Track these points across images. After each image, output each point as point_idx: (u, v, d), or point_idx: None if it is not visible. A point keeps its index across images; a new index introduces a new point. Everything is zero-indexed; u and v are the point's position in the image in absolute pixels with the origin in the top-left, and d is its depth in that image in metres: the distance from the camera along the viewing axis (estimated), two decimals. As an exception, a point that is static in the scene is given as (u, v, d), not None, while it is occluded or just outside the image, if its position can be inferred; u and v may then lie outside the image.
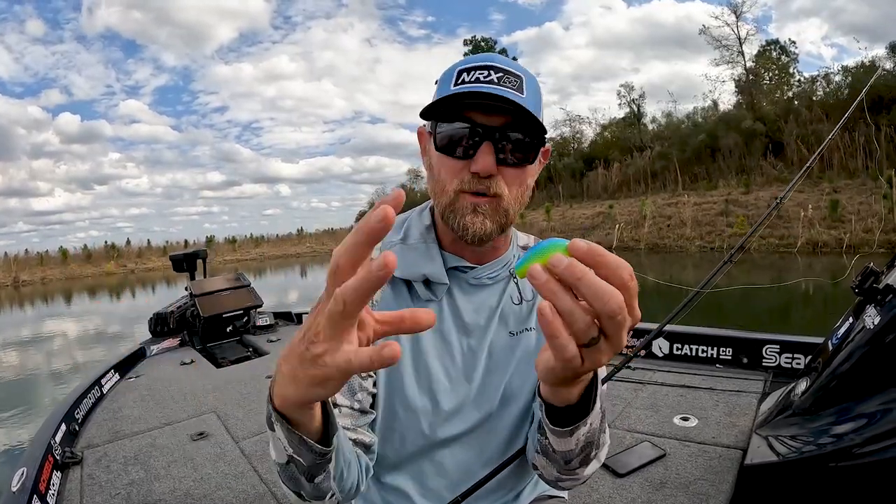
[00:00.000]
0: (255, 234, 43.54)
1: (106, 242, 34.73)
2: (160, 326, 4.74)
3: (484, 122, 0.66)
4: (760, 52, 28.57)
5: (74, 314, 14.62)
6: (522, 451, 0.79)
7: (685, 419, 2.34)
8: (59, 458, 2.19)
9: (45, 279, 26.67)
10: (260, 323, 4.98)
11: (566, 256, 0.35)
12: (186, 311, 4.82)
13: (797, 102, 24.86)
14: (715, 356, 3.05)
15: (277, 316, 5.18)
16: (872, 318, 1.67)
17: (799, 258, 13.92)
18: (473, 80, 0.65)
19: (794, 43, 28.42)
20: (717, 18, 28.80)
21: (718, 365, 3.01)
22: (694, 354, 3.12)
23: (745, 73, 28.47)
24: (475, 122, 0.66)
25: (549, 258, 0.36)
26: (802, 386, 1.90)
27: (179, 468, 2.24)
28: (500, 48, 40.03)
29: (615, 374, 1.74)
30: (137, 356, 4.16)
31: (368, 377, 0.74)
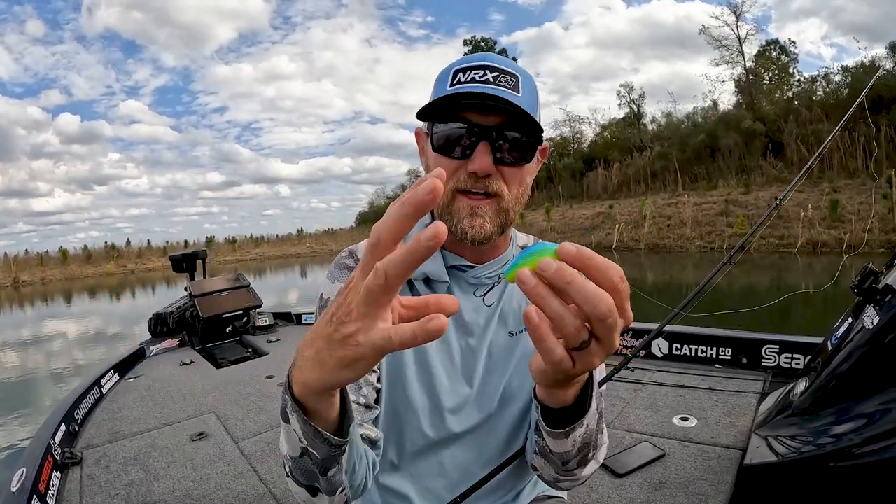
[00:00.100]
0: (254, 234, 43.82)
1: (106, 243, 34.98)
2: (160, 327, 4.74)
3: (480, 121, 0.65)
4: (760, 52, 28.63)
5: (74, 315, 14.61)
6: (522, 451, 0.79)
7: (684, 419, 2.34)
8: (58, 458, 2.19)
9: (44, 280, 26.69)
10: (259, 323, 4.99)
11: (555, 260, 0.35)
12: (186, 311, 4.82)
13: (797, 102, 24.91)
14: (714, 356, 3.05)
15: (277, 316, 5.18)
16: (872, 318, 1.67)
17: (799, 258, 13.94)
18: (469, 80, 0.65)
19: (793, 43, 28.54)
20: (716, 18, 28.96)
21: (718, 365, 3.01)
22: (693, 355, 3.12)
23: (744, 73, 28.52)
24: (472, 122, 0.65)
25: (538, 262, 0.35)
26: (802, 386, 1.90)
27: (179, 468, 2.24)
28: (499, 48, 40.09)
29: (615, 374, 1.73)
30: (137, 356, 4.16)
31: (373, 372, 0.73)
